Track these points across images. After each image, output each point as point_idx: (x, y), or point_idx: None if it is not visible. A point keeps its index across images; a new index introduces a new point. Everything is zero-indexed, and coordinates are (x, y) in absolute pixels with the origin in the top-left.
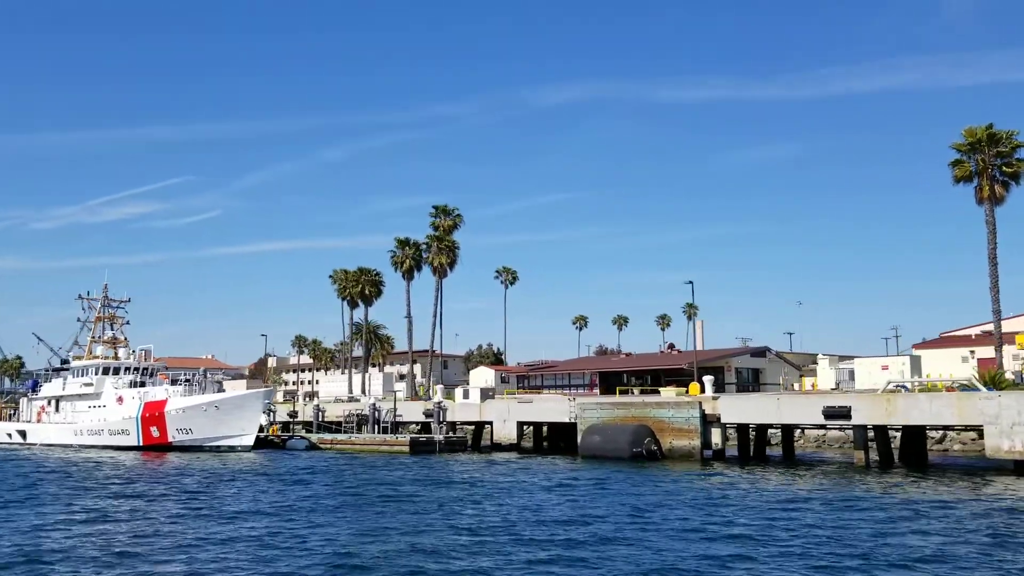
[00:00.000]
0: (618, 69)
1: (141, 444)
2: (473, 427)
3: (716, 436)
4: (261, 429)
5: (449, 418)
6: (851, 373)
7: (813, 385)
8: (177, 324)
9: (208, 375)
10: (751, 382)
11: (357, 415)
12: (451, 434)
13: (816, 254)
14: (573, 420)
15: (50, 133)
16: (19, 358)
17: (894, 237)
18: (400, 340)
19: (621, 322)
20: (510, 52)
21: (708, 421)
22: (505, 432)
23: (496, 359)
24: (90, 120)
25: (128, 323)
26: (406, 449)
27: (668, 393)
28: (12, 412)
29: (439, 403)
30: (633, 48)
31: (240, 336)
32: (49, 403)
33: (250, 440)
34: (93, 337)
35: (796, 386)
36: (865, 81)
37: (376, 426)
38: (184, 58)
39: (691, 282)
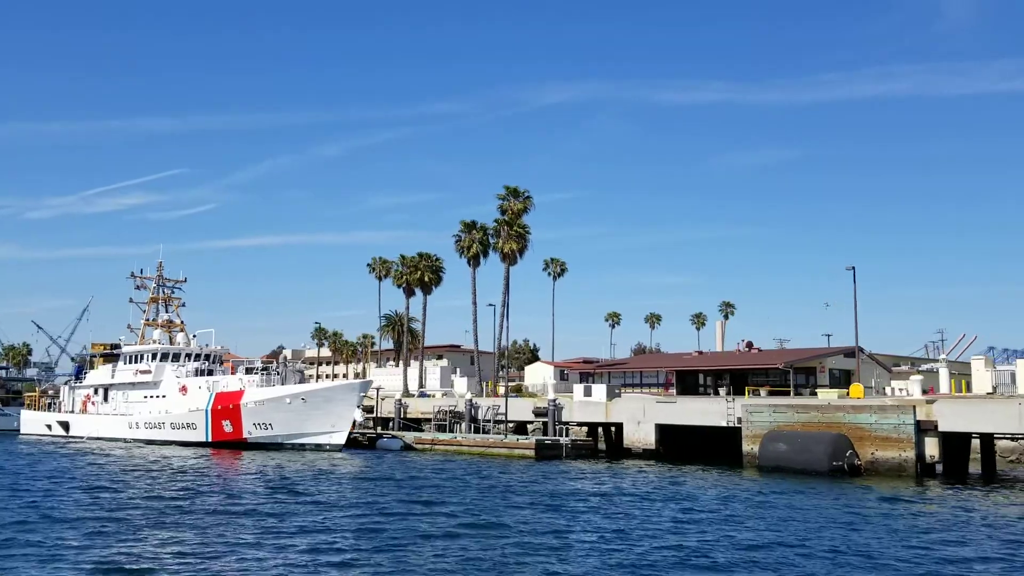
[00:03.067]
0: (617, 71)
1: (210, 440)
2: (586, 428)
3: (931, 447)
4: (354, 425)
5: (565, 417)
6: (1012, 376)
7: (928, 390)
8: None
9: (288, 364)
10: (842, 384)
11: (450, 412)
12: (570, 437)
13: (832, 258)
14: (733, 424)
15: (48, 122)
16: (26, 345)
17: (898, 243)
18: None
19: (654, 320)
20: (511, 52)
21: (922, 429)
22: (639, 436)
23: (533, 356)
24: (88, 110)
25: (184, 305)
26: (530, 453)
27: (829, 394)
28: (50, 402)
29: (554, 401)
30: (631, 50)
31: (244, 329)
32: (96, 392)
33: (341, 438)
34: (147, 320)
35: (888, 390)
36: (863, 87)
37: (472, 425)
38: (181, 50)
39: (853, 268)
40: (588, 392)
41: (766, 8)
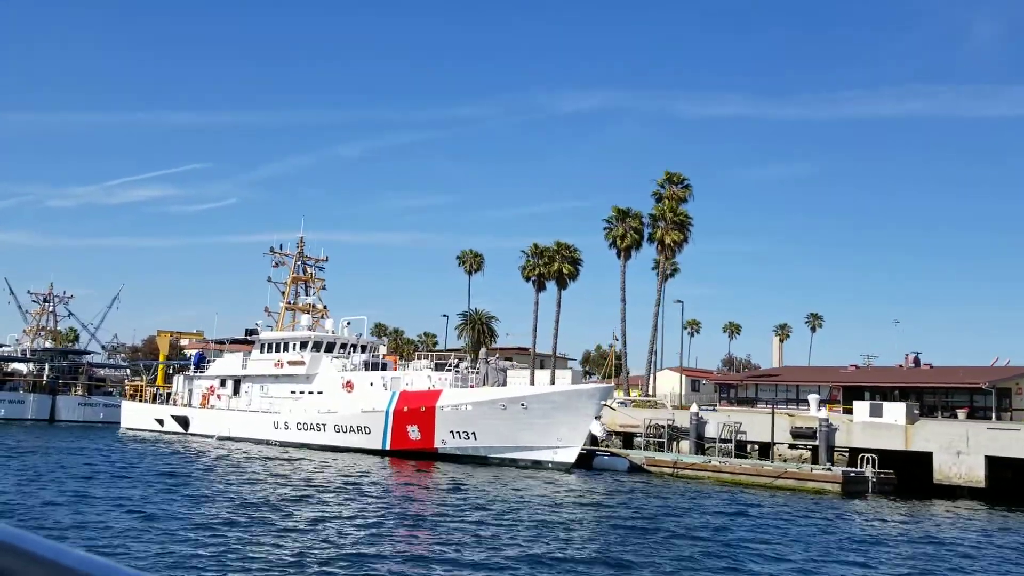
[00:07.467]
0: (637, 81)
1: (388, 448)
2: (854, 454)
3: None
4: (594, 441)
5: (839, 441)
6: None
7: None
8: (198, 308)
9: (489, 360)
10: None
11: (669, 427)
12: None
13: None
14: None
15: (72, 112)
16: (72, 330)
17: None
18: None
19: (733, 330)
20: (531, 58)
21: None
22: (960, 471)
23: (619, 363)
24: (111, 101)
25: (325, 288)
26: (833, 488)
27: None
28: (156, 393)
29: (826, 420)
30: (652, 62)
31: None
32: (223, 384)
33: (571, 456)
34: (287, 303)
35: None
36: (884, 106)
37: (697, 444)
38: (207, 43)
39: None
40: (877, 411)
41: (785, 23)
